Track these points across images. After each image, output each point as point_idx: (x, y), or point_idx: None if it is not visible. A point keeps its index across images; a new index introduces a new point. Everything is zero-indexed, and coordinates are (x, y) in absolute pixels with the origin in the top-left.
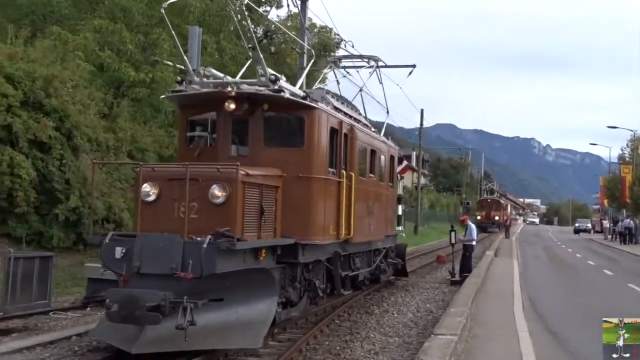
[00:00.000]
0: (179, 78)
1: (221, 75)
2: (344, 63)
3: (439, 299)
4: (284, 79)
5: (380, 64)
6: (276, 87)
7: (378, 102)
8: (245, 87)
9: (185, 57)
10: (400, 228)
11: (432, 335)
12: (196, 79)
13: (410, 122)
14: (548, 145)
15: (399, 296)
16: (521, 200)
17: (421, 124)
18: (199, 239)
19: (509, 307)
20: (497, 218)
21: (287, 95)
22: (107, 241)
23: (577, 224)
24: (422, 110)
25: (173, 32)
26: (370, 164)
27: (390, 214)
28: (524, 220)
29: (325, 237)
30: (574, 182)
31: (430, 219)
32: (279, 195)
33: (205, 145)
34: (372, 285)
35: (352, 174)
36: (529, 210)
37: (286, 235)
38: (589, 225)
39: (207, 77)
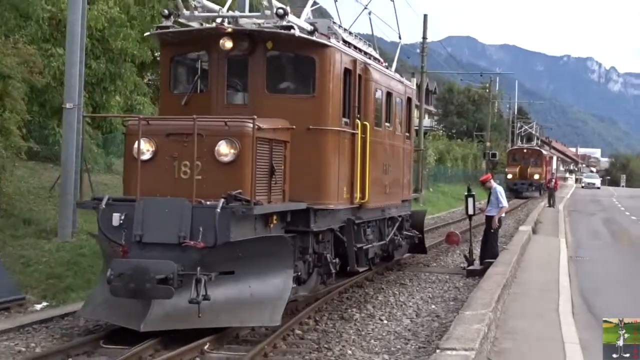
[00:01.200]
0: (165, 11)
1: (215, 6)
2: None
3: (449, 297)
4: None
5: None
6: (284, 22)
7: (386, 23)
8: (244, 22)
9: None
10: (417, 194)
11: (437, 352)
12: (186, 12)
13: (410, 35)
14: (613, 69)
15: (391, 293)
16: (573, 150)
17: (424, 36)
18: (208, 202)
19: (552, 308)
20: (536, 177)
21: (298, 32)
22: (104, 206)
23: None
24: (425, 16)
25: None
26: (387, 111)
27: (407, 173)
28: (577, 181)
29: (339, 202)
30: None
31: (438, 178)
32: (288, 152)
33: (195, 91)
34: (382, 264)
35: (367, 124)
36: (584, 165)
37: (295, 199)
38: None
39: (197, 8)
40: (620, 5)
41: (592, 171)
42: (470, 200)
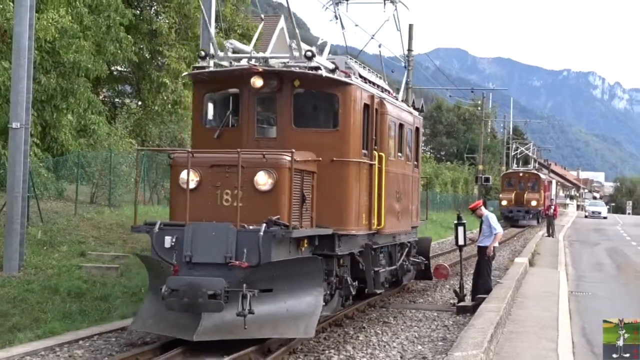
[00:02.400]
0: (202, 52)
1: (246, 47)
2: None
3: (438, 337)
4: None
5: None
6: (312, 64)
7: (391, 51)
8: (274, 62)
9: (211, 30)
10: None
11: None
12: (220, 53)
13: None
14: (617, 84)
15: (373, 333)
16: (573, 173)
17: (409, 48)
18: (251, 227)
19: (550, 348)
20: (533, 203)
21: (325, 73)
22: (157, 230)
23: None
24: (410, 27)
25: None
26: (399, 142)
27: (416, 200)
28: (579, 208)
29: (359, 228)
30: None
31: (425, 204)
32: (315, 182)
33: (227, 125)
34: (391, 289)
35: (383, 155)
36: (586, 190)
37: (321, 225)
38: None
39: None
40: (625, 16)
41: (595, 197)
42: (460, 229)
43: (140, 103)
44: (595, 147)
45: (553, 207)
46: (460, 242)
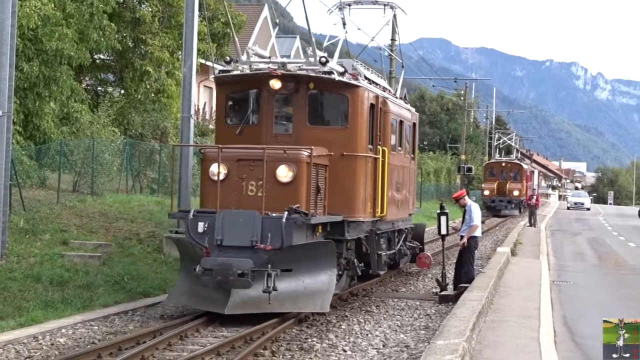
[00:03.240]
0: (227, 58)
1: (265, 53)
2: (353, 8)
3: (420, 326)
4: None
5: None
6: (326, 69)
7: (391, 53)
8: (292, 67)
9: (235, 37)
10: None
11: None
12: (243, 58)
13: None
14: (600, 75)
15: (355, 321)
16: (556, 164)
17: (393, 37)
18: (274, 214)
19: (532, 337)
20: (515, 193)
21: (337, 77)
22: (191, 217)
23: None
24: (394, 17)
25: None
26: (399, 137)
27: (412, 190)
28: (561, 197)
29: (365, 215)
30: None
31: None
32: (328, 174)
33: (247, 123)
34: (390, 271)
35: (386, 149)
36: (568, 181)
37: (332, 212)
38: None
39: (254, 56)
40: (607, 7)
41: (577, 187)
42: (443, 218)
43: (123, 91)
44: (578, 138)
45: (535, 197)
46: (443, 231)
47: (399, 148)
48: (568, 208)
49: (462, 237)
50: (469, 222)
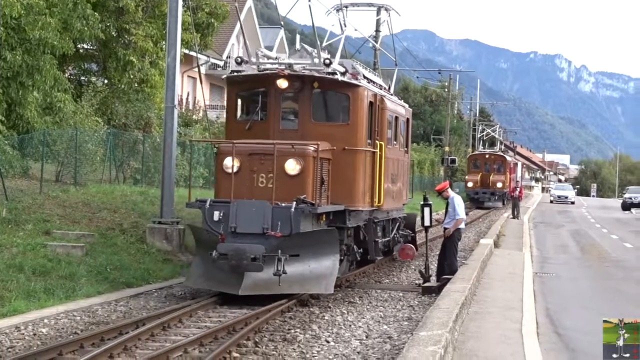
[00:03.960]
0: (238, 59)
1: (272, 54)
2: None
3: (403, 317)
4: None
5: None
6: (330, 70)
7: (385, 51)
8: (298, 67)
9: (246, 40)
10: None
11: None
12: (253, 59)
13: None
14: (583, 67)
15: (338, 312)
16: (539, 156)
17: (377, 29)
18: (283, 204)
19: (514, 328)
20: (499, 185)
21: (340, 77)
22: (208, 206)
23: (627, 195)
24: (378, 10)
25: None
26: (394, 132)
27: (405, 181)
28: (544, 190)
29: (364, 205)
30: (625, 126)
31: None
32: (330, 167)
33: (256, 119)
34: (384, 257)
35: (382, 144)
36: (551, 173)
37: (334, 202)
38: None
39: (263, 57)
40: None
41: (560, 180)
42: (426, 210)
43: (106, 81)
44: (561, 130)
45: (518, 189)
46: (426, 223)
47: (394, 142)
48: (551, 201)
49: (445, 229)
50: (453, 215)
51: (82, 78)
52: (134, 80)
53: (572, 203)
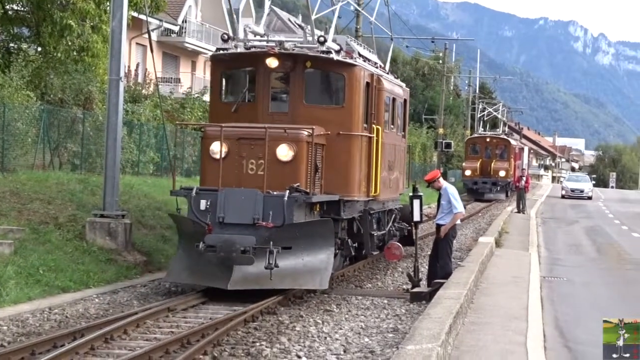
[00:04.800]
0: (225, 36)
1: (261, 30)
2: None
3: (387, 328)
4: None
5: None
6: (324, 48)
7: (379, 24)
8: (289, 45)
9: (234, 15)
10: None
11: None
12: (241, 36)
13: None
14: (601, 36)
15: (312, 322)
16: (549, 140)
17: None
18: (275, 193)
19: (518, 342)
20: (502, 174)
21: (336, 56)
22: (194, 194)
23: None
24: None
25: None
26: (392, 115)
27: (402, 169)
28: (555, 180)
29: (360, 195)
30: None
31: None
32: (325, 153)
33: (243, 100)
34: (379, 253)
35: (379, 128)
36: (563, 160)
37: (328, 191)
38: None
39: (251, 34)
40: None
41: (574, 168)
42: (416, 203)
43: (39, 49)
44: (575, 110)
45: (524, 178)
46: (416, 218)
47: (392, 126)
48: (563, 196)
49: (438, 225)
50: (448, 208)
51: (11, 45)
52: (72, 48)
53: (589, 198)
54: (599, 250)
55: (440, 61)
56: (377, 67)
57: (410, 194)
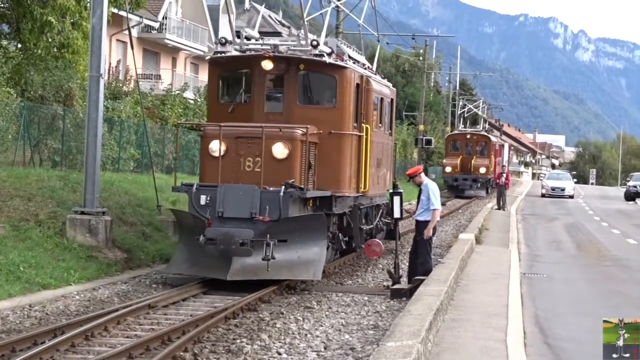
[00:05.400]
0: (223, 39)
1: (257, 34)
2: None
3: (368, 325)
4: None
5: None
6: (317, 51)
7: (364, 25)
8: (283, 49)
9: (232, 20)
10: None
11: None
12: (237, 40)
13: None
14: (582, 33)
15: (292, 319)
16: (529, 136)
17: None
18: (271, 188)
19: (498, 338)
20: (482, 171)
21: (328, 59)
22: (195, 190)
23: (631, 183)
24: None
25: None
26: (380, 114)
27: (389, 166)
28: (535, 176)
29: (350, 190)
30: (630, 102)
31: None
32: (317, 151)
33: (240, 101)
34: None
35: (368, 127)
36: (543, 156)
37: (320, 187)
38: None
39: (247, 38)
40: None
41: (554, 165)
42: (396, 199)
43: (19, 45)
44: (555, 106)
45: (505, 175)
46: (396, 214)
47: (380, 125)
48: (543, 195)
49: (417, 221)
50: (427, 203)
51: None
52: (52, 45)
53: (571, 197)
54: (578, 247)
55: (421, 58)
56: (365, 68)
57: (390, 190)
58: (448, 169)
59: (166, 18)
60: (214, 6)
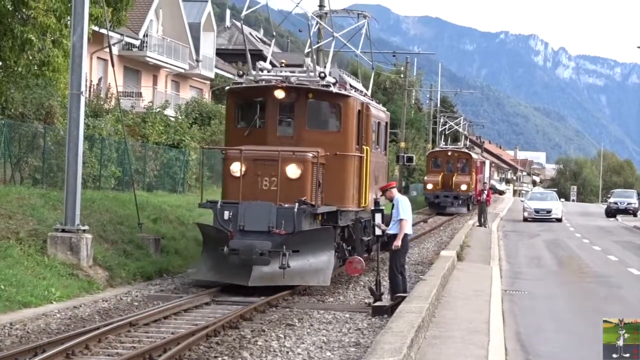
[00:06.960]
0: (240, 72)
1: (269, 66)
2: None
3: (350, 342)
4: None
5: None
6: (324, 82)
7: (361, 56)
8: (293, 79)
9: (248, 53)
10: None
11: None
12: (253, 72)
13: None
14: (562, 50)
15: (274, 337)
16: (510, 153)
17: (321, 4)
18: (286, 205)
19: (480, 355)
20: (463, 188)
21: (334, 89)
22: (219, 207)
23: (612, 199)
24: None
25: None
26: (377, 136)
27: (384, 182)
28: (516, 193)
29: (353, 205)
30: (610, 119)
31: None
32: (325, 171)
33: (255, 126)
34: (367, 255)
35: (368, 148)
36: (524, 173)
37: (327, 203)
38: (635, 201)
39: (261, 70)
40: None
41: (535, 182)
42: (377, 216)
43: (0, 63)
44: (536, 123)
45: (486, 192)
46: (378, 231)
47: (377, 146)
48: (525, 219)
49: (389, 235)
50: (396, 216)
51: None
52: (33, 63)
53: (559, 220)
54: (560, 264)
55: (402, 75)
56: (363, 95)
57: (372, 208)
58: (429, 186)
59: (147, 36)
60: (195, 24)
